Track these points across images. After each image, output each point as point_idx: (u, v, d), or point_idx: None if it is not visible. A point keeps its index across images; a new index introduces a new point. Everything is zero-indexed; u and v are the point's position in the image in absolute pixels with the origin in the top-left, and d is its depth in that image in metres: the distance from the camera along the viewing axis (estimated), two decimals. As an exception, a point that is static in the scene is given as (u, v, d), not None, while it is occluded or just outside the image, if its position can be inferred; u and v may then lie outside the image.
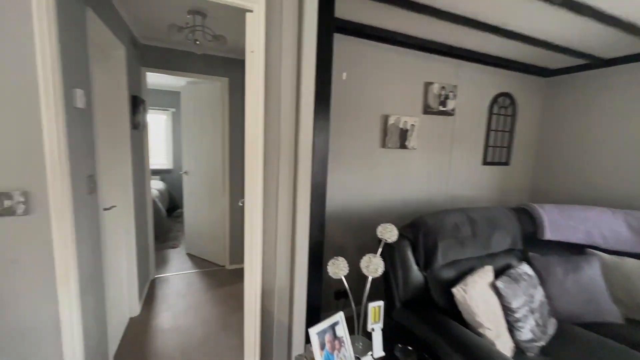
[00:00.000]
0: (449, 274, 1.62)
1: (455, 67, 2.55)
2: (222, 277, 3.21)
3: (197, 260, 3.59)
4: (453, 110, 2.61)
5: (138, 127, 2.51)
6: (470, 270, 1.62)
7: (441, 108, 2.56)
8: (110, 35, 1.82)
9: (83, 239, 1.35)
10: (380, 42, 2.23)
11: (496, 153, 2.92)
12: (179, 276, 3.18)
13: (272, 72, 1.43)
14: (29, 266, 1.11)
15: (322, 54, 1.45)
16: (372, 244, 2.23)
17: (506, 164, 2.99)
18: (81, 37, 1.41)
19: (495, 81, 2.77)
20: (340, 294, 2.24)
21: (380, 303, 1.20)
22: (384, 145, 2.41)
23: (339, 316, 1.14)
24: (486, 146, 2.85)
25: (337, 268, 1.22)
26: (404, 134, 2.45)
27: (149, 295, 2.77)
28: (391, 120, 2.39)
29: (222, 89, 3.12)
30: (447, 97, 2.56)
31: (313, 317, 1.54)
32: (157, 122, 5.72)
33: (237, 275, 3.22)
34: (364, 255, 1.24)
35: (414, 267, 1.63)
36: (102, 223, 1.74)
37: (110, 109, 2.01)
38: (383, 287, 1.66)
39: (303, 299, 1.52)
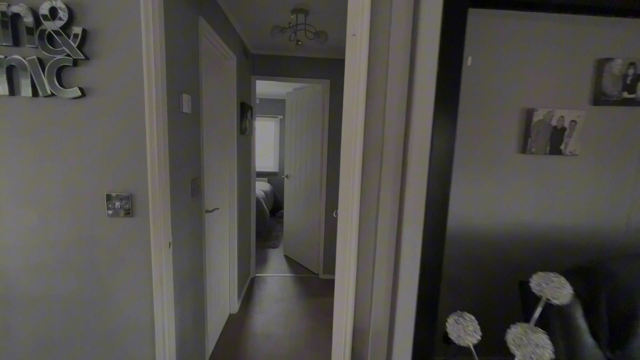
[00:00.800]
0: (662, 364, 0.97)
1: (656, 31, 1.69)
2: (315, 286, 3.11)
3: (292, 264, 3.61)
4: (648, 97, 1.73)
5: (245, 132, 2.64)
6: None
7: (626, 95, 1.73)
8: (222, 45, 1.90)
9: (183, 241, 1.37)
10: (526, 10, 1.64)
11: None
12: (275, 278, 3.24)
13: (378, 57, 1.14)
14: (132, 266, 1.15)
15: (450, 35, 1.07)
16: (499, 278, 1.67)
17: None
18: (192, 45, 1.45)
19: None
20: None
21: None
22: (524, 149, 1.78)
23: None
24: None
25: (465, 330, 0.82)
26: (558, 134, 1.76)
27: (248, 293, 2.88)
28: (538, 116, 1.74)
29: (324, 91, 3.02)
30: (637, 79, 1.71)
31: (419, 378, 1.16)
32: (267, 128, 6.24)
33: (329, 287, 3.05)
34: (485, 291, 0.80)
35: (589, 342, 1.04)
36: (207, 223, 1.80)
37: (219, 114, 2.12)
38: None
39: (407, 351, 1.16)
